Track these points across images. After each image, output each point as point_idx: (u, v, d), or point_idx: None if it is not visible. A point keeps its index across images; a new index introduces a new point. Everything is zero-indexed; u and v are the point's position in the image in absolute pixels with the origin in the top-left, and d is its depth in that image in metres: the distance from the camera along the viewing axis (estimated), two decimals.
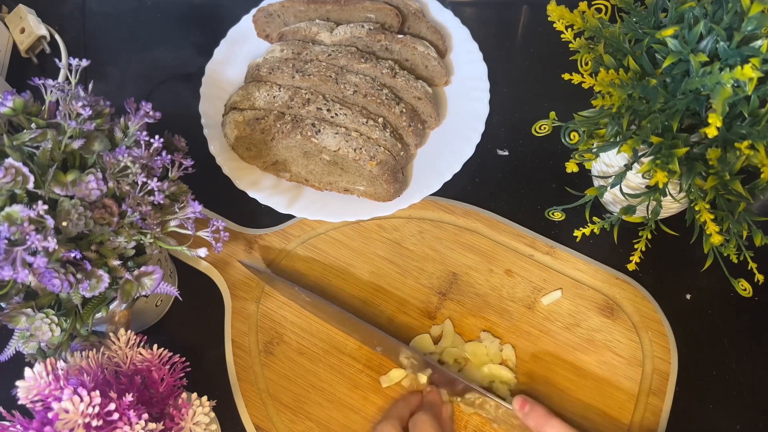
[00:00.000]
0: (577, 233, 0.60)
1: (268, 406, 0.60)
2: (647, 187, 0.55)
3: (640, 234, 0.57)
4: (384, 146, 0.66)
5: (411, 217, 0.68)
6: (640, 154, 0.55)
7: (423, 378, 0.59)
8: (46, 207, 0.44)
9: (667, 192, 0.55)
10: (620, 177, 0.56)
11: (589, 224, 0.59)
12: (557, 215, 0.65)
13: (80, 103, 0.50)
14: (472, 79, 0.74)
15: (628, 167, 0.56)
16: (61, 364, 0.46)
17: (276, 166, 0.70)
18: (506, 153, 0.73)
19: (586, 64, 0.56)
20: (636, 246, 0.57)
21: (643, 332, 0.62)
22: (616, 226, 0.59)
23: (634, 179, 0.58)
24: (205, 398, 0.50)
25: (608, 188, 0.58)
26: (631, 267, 0.58)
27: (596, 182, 0.65)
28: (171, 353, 0.51)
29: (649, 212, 0.57)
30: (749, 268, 0.55)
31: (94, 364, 0.48)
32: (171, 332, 0.64)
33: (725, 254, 0.54)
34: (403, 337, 0.62)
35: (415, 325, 0.63)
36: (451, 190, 0.69)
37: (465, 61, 0.75)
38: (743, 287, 0.56)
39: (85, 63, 0.54)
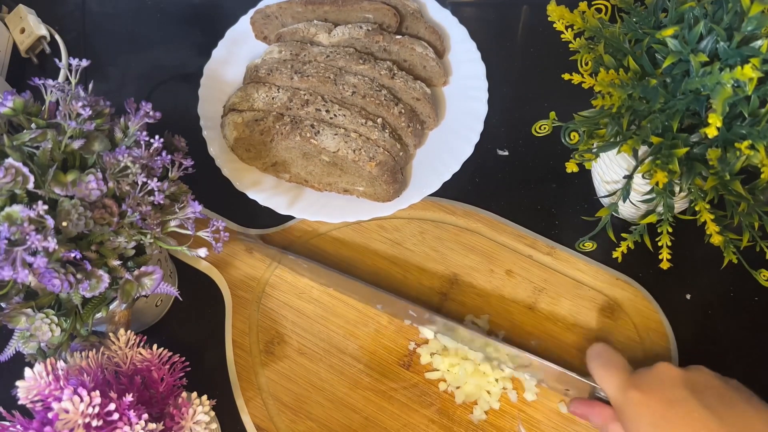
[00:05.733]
0: (616, 253, 0.58)
1: (268, 406, 0.60)
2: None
3: (659, 230, 0.56)
4: (383, 147, 0.66)
5: (411, 217, 0.68)
6: (640, 159, 0.54)
7: (429, 333, 0.61)
8: (46, 207, 0.44)
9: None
10: (627, 188, 0.56)
11: (620, 244, 0.57)
12: (588, 245, 0.62)
13: (80, 103, 0.50)
14: (470, 79, 0.74)
15: (629, 177, 0.56)
16: (61, 364, 0.46)
17: (275, 167, 0.69)
18: (506, 153, 0.73)
19: (586, 64, 0.56)
20: (660, 243, 0.55)
21: (644, 332, 0.61)
22: (645, 234, 0.57)
23: (639, 182, 0.58)
24: (205, 397, 0.50)
25: (620, 203, 0.57)
26: (664, 266, 0.56)
27: (596, 183, 0.65)
28: (171, 353, 0.51)
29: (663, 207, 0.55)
30: (767, 258, 0.53)
31: (94, 364, 0.48)
32: (171, 332, 0.64)
33: (725, 255, 0.54)
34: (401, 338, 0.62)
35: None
36: (452, 190, 0.69)
37: (463, 60, 0.75)
38: (765, 277, 0.54)
39: (85, 63, 0.54)
